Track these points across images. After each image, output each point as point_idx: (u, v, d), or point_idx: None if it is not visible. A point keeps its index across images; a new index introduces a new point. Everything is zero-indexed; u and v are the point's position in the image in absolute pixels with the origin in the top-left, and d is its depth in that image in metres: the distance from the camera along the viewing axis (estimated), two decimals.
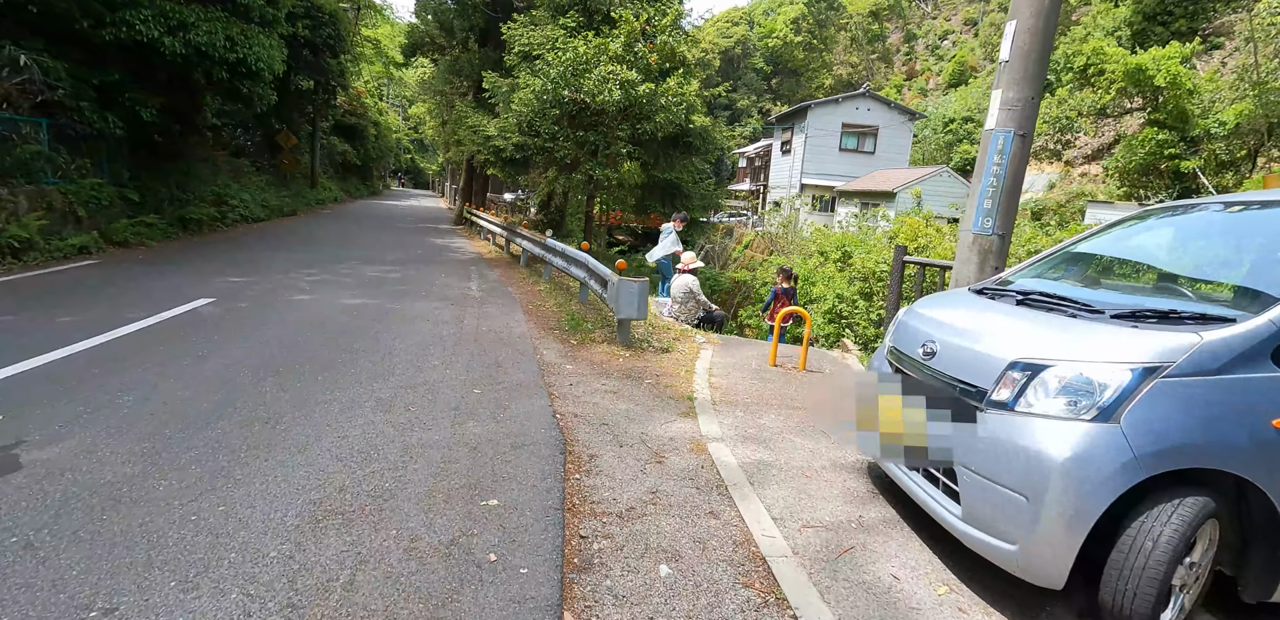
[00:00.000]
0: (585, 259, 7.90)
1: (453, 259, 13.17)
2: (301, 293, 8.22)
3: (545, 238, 10.23)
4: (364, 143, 35.96)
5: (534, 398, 4.57)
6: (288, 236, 15.54)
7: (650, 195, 13.35)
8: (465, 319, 7.22)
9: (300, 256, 11.73)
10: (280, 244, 13.77)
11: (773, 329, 8.46)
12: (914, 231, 13.64)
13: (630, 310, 5.95)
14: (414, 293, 8.77)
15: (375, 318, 6.97)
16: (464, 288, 9.48)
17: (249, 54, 12.80)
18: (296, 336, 5.89)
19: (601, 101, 10.49)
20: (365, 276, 9.97)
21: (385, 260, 12.10)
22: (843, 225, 21.81)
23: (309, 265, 10.67)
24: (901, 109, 27.81)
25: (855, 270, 14.61)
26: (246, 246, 12.94)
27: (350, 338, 6.01)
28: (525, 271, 11.69)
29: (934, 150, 30.51)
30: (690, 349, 6.55)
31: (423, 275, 10.54)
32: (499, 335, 6.50)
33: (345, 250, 13.26)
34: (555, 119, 11.36)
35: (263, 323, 6.37)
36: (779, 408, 4.83)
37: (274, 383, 4.49)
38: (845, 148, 28.16)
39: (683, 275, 7.81)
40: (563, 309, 8.14)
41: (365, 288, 8.90)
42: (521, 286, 10.02)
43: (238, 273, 9.44)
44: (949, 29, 57.15)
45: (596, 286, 7.22)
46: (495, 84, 13.02)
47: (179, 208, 15.06)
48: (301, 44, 22.85)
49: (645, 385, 5.13)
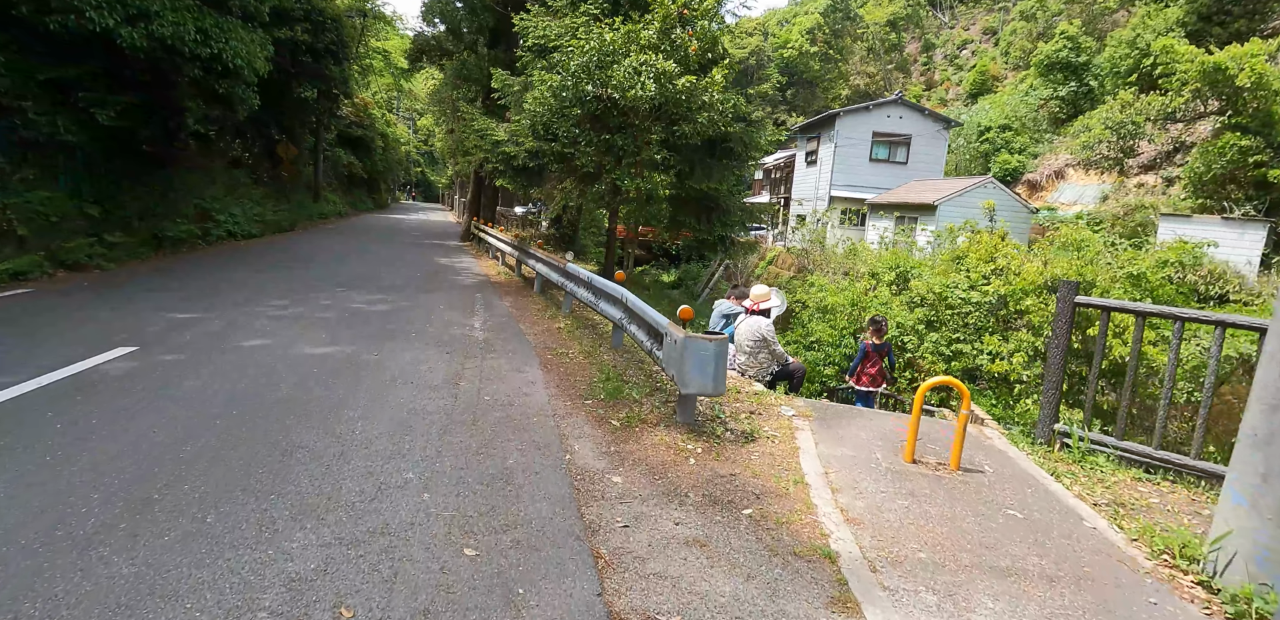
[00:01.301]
0: (621, 294, 5.94)
1: (456, 283, 11.26)
2: (256, 336, 6.29)
3: (565, 261, 8.29)
4: (371, 155, 34.40)
5: (569, 576, 2.56)
6: (275, 255, 13.70)
7: (683, 209, 11.41)
8: (463, 378, 5.26)
9: (279, 281, 9.84)
10: (262, 264, 11.91)
11: (869, 396, 6.54)
12: (989, 251, 11.62)
13: (703, 382, 3.96)
14: (402, 333, 6.82)
15: (341, 379, 5.02)
16: (466, 325, 7.53)
17: (225, 49, 11.04)
18: (213, 420, 3.93)
19: (633, 97, 8.59)
20: (347, 309, 8.05)
21: (378, 285, 10.19)
22: (885, 242, 19.78)
23: (283, 293, 8.77)
24: (936, 117, 25.86)
25: (915, 294, 12.61)
26: (221, 268, 11.08)
27: (293, 419, 4.05)
28: (540, 301, 9.74)
29: (967, 161, 28.51)
30: (782, 429, 4.53)
31: (418, 306, 8.61)
32: (508, 410, 4.52)
33: (334, 272, 11.38)
34: (576, 120, 9.47)
35: (178, 392, 4.43)
36: (986, 574, 2.80)
37: (115, 538, 2.53)
38: (876, 158, 26.17)
39: (753, 317, 5.82)
40: (592, 359, 6.16)
41: (342, 326, 6.96)
42: (536, 322, 8.05)
43: (191, 305, 7.54)
44: (967, 38, 55.32)
45: (641, 336, 5.24)
46: (506, 83, 11.17)
47: (153, 224, 13.29)
48: (302, 49, 21.29)
49: (745, 523, 3.12)
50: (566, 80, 9.09)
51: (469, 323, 7.70)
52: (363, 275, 11.26)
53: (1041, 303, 11.12)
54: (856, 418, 5.06)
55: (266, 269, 11.30)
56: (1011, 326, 11.36)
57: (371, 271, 11.90)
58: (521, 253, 11.41)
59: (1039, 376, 10.68)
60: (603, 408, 4.69)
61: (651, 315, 4.89)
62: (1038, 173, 25.31)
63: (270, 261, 12.57)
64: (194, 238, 14.33)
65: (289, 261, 12.75)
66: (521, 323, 7.92)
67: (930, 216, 21.91)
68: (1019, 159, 25.42)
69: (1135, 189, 21.81)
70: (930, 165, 26.18)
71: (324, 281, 10.16)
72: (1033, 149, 26.54)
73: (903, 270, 13.21)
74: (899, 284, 13.33)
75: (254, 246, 15.49)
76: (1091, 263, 11.31)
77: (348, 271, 11.64)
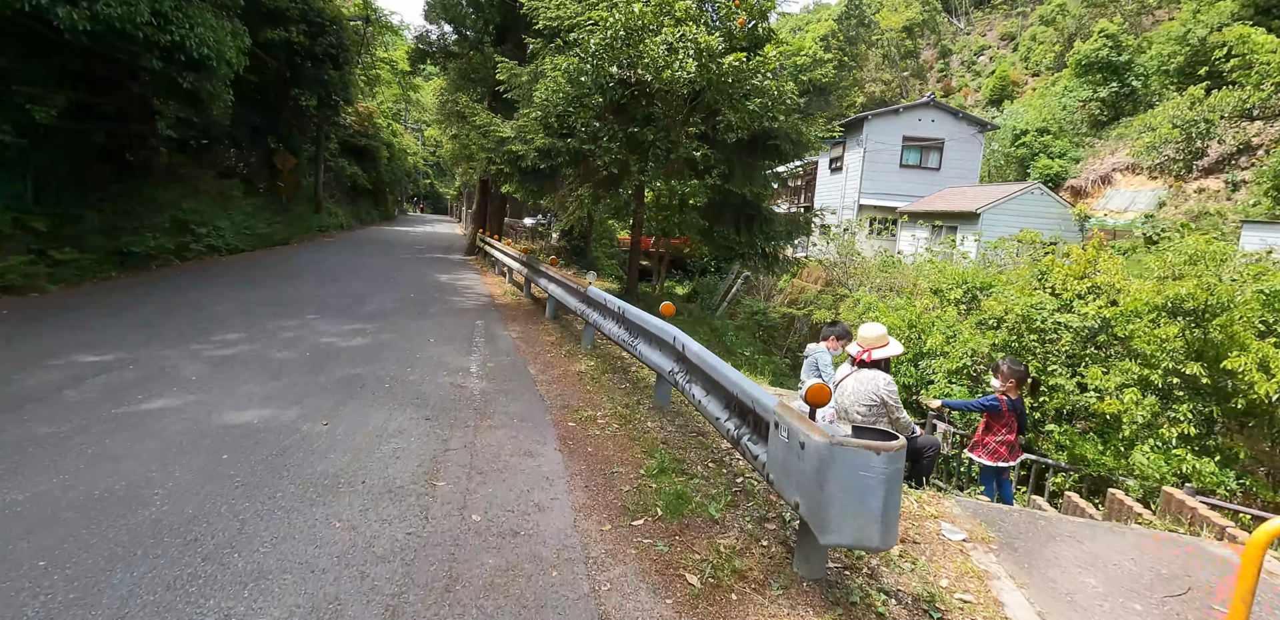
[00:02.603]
0: (673, 336, 4.10)
1: (454, 306, 9.46)
2: (174, 390, 4.51)
3: (586, 284, 6.46)
4: (376, 165, 32.90)
5: None
6: (256, 272, 11.97)
7: (718, 218, 9.59)
8: (444, 471, 3.43)
9: (244, 305, 8.08)
10: (236, 284, 10.17)
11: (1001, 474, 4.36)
12: (1083, 265, 9.72)
13: (861, 527, 2.12)
14: (373, 384, 5.01)
15: (256, 476, 3.19)
16: (459, 369, 5.71)
17: (189, 37, 9.38)
18: (8, 571, 2.12)
19: (668, 79, 6.81)
20: (314, 345, 6.26)
21: (361, 310, 8.41)
22: (930, 253, 17.87)
23: (242, 323, 6.99)
24: (970, 119, 24.00)
25: (988, 315, 10.71)
26: (184, 289, 9.33)
27: (129, 583, 2.22)
28: (553, 330, 7.92)
29: (1001, 166, 26.60)
30: (966, 577, 2.66)
31: (404, 340, 6.81)
32: (512, 553, 2.67)
33: (316, 293, 9.62)
34: (597, 110, 7.71)
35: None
36: None
37: None
38: (906, 163, 24.31)
39: (865, 371, 3.95)
40: (631, 427, 4.30)
41: (297, 372, 5.16)
42: (550, 362, 6.22)
43: (115, 341, 5.78)
44: (985, 44, 53.57)
45: (712, 407, 3.38)
46: (513, 73, 9.45)
47: (118, 239, 11.64)
48: (299, 52, 19.81)
49: None
50: (586, 62, 7.33)
51: (464, 364, 5.87)
52: (347, 297, 9.50)
53: (1149, 324, 9.21)
54: (1064, 541, 3.17)
55: (237, 290, 9.56)
56: (1108, 355, 9.44)
57: (360, 292, 10.14)
58: (531, 270, 9.62)
59: (1156, 417, 8.74)
60: (664, 537, 2.83)
61: (738, 383, 3.03)
62: (1081, 178, 23.35)
63: (247, 280, 10.84)
64: (166, 253, 12.65)
65: (268, 280, 11.02)
66: (531, 363, 6.08)
67: (971, 225, 20.00)
68: (1060, 164, 23.49)
69: (1196, 194, 19.81)
70: (964, 171, 24.30)
71: (299, 305, 8.40)
72: (1074, 153, 24.60)
73: (971, 286, 11.32)
74: (967, 302, 11.44)
75: (238, 262, 13.80)
76: (1218, 279, 9.40)
77: (332, 292, 9.88)
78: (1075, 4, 40.70)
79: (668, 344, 4.20)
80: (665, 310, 4.60)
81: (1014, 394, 4.40)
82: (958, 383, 10.00)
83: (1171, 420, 8.64)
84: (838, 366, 4.78)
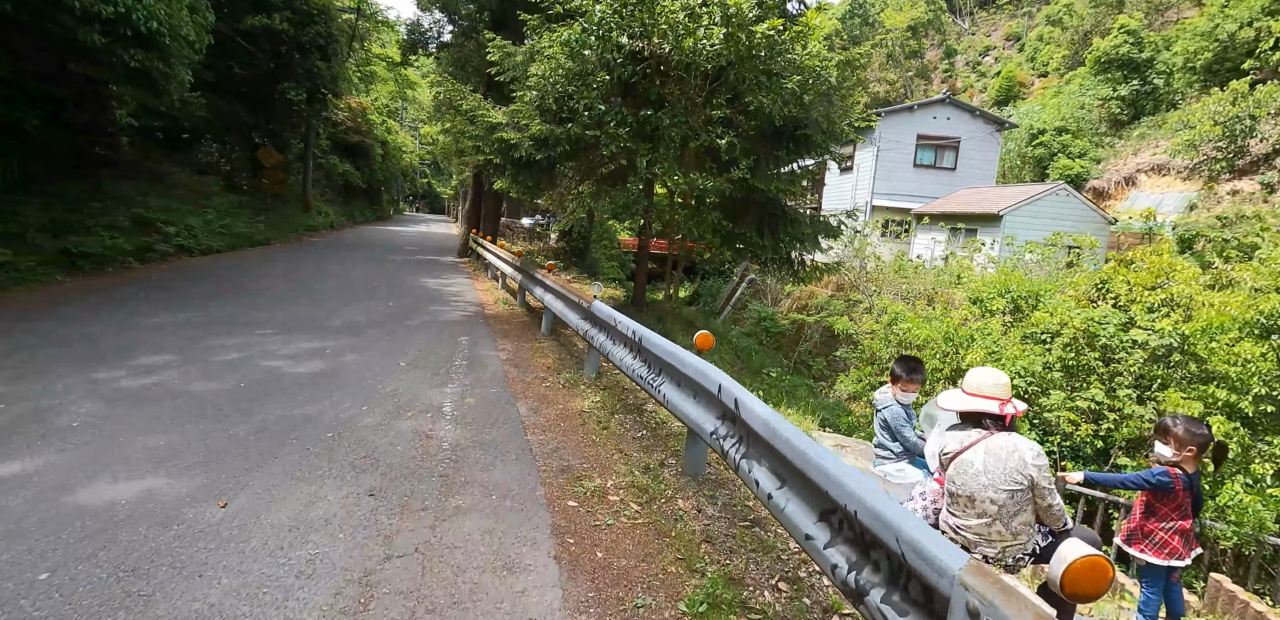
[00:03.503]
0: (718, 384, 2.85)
1: (437, 318, 8.19)
2: (31, 448, 3.23)
3: (591, 298, 5.20)
4: (369, 163, 31.59)
5: None
6: (224, 276, 10.68)
7: (739, 218, 8.34)
8: (375, 598, 2.19)
9: (192, 316, 6.78)
10: (196, 290, 8.86)
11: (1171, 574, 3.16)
12: (1156, 273, 8.49)
13: None
14: (308, 435, 3.74)
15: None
16: (429, 408, 4.44)
17: (135, 8, 8.12)
18: None
19: (689, 50, 5.57)
20: (255, 370, 4.99)
21: (329, 323, 7.14)
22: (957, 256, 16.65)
23: (177, 340, 5.71)
24: (988, 117, 22.78)
25: (1039, 329, 9.50)
26: (132, 297, 8.02)
27: None
28: (551, 350, 6.66)
29: (1017, 166, 25.40)
30: None
31: (368, 364, 5.54)
32: None
33: (281, 301, 8.35)
34: (602, 90, 6.45)
35: None
36: None
37: None
38: (920, 163, 23.09)
39: (1002, 438, 2.70)
40: (657, 517, 3.05)
41: (213, 416, 3.89)
42: (544, 398, 4.96)
43: (4, 366, 4.52)
44: (990, 44, 52.46)
45: (798, 516, 2.12)
46: (506, 53, 8.19)
47: (68, 239, 10.37)
48: (284, 42, 18.51)
49: None
50: (590, 33, 6.08)
51: (436, 400, 4.60)
52: (317, 306, 8.23)
53: (1227, 344, 8.00)
54: None
55: (191, 297, 8.27)
56: (1182, 377, 8.23)
57: (333, 299, 8.87)
58: (526, 276, 8.36)
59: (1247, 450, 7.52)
60: None
61: (852, 490, 1.77)
62: (1104, 179, 22.16)
63: (210, 286, 9.54)
64: (125, 255, 11.36)
65: (233, 286, 9.72)
66: (521, 397, 4.82)
67: (993, 228, 18.80)
68: (1081, 164, 22.29)
69: (1229, 196, 18.63)
70: (981, 171, 23.11)
71: (256, 317, 7.12)
72: (1094, 153, 23.41)
73: (1016, 295, 10.09)
74: (1012, 313, 10.20)
75: (208, 265, 12.50)
76: None
77: (300, 300, 8.61)
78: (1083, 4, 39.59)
79: (708, 393, 2.94)
80: (702, 343, 3.35)
81: (1190, 466, 3.14)
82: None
83: (1265, 455, 7.42)
84: (923, 420, 3.53)
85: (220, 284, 9.76)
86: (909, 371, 3.50)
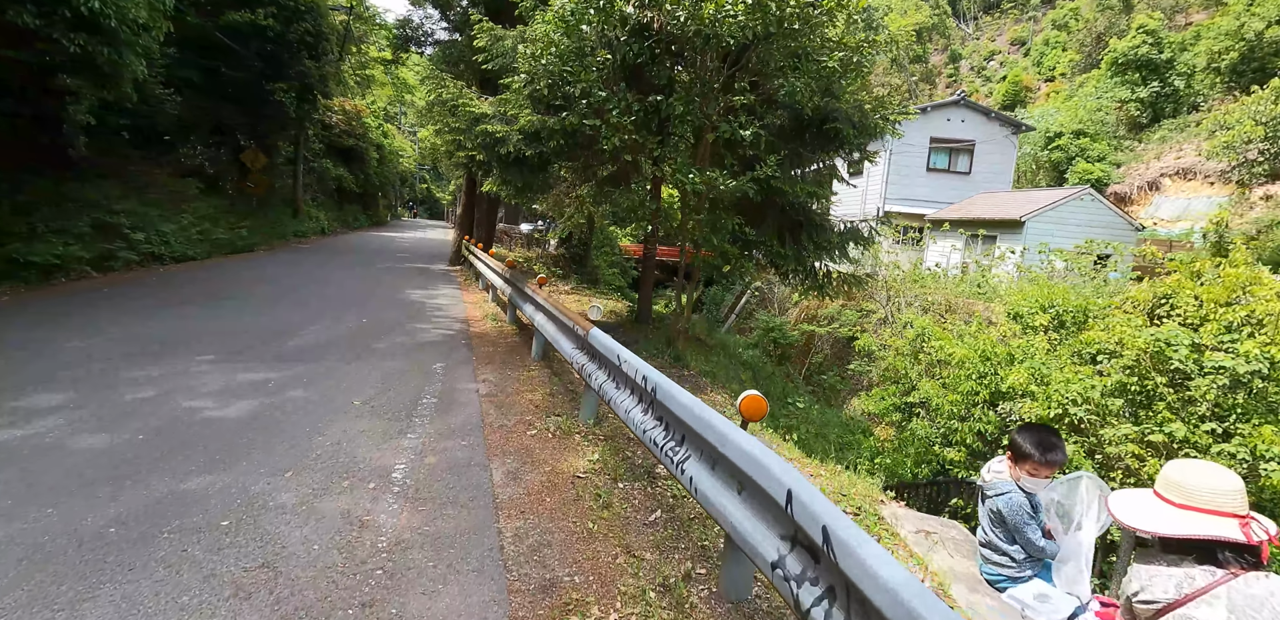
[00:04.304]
0: (791, 490, 1.76)
1: (415, 337, 7.10)
2: None
3: (588, 325, 4.10)
4: (364, 167, 30.58)
5: None
6: (186, 289, 9.57)
7: (758, 223, 7.25)
8: None
9: (116, 341, 5.67)
10: (142, 305, 7.76)
11: None
12: (1232, 286, 7.42)
13: None
14: (196, 524, 2.60)
15: None
16: (374, 475, 3.34)
17: None
18: None
19: (708, 19, 4.52)
20: (160, 418, 3.88)
21: (285, 346, 6.06)
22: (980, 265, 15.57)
23: (79, 375, 4.59)
24: (1004, 119, 21.77)
25: (1094, 348, 8.40)
26: (69, 314, 6.91)
27: None
28: (541, 381, 5.57)
29: (1031, 170, 24.37)
30: None
31: (311, 405, 4.44)
32: None
33: (239, 318, 7.24)
34: (603, 73, 5.40)
35: None
36: None
37: None
38: (934, 167, 22.06)
39: (1260, 583, 1.67)
40: None
41: (63, 491, 2.76)
42: (529, 455, 3.86)
43: None
44: (994, 49, 51.60)
45: None
46: (495, 37, 7.14)
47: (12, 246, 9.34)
48: (270, 39, 17.50)
49: None
50: (590, 3, 5.02)
51: (387, 463, 3.51)
52: (279, 323, 7.14)
53: None
54: None
55: (134, 314, 7.16)
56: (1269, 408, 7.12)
57: (300, 315, 7.78)
58: (515, 290, 7.27)
59: None
60: None
61: None
62: (1126, 184, 21.12)
63: (165, 298, 8.46)
64: (80, 264, 10.29)
65: (191, 298, 8.63)
66: (499, 456, 3.72)
67: (1014, 234, 17.72)
68: (1102, 168, 21.25)
69: (1261, 202, 17.56)
70: (997, 175, 22.07)
71: (197, 340, 6.03)
72: (1113, 157, 22.38)
73: (1062, 310, 9.02)
74: (1057, 329, 9.12)
75: (176, 274, 11.44)
76: None
77: (262, 315, 7.52)
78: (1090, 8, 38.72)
79: (765, 495, 1.86)
80: (751, 411, 2.25)
81: None
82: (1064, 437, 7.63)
83: None
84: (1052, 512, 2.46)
85: (176, 296, 8.67)
86: (1044, 449, 2.42)
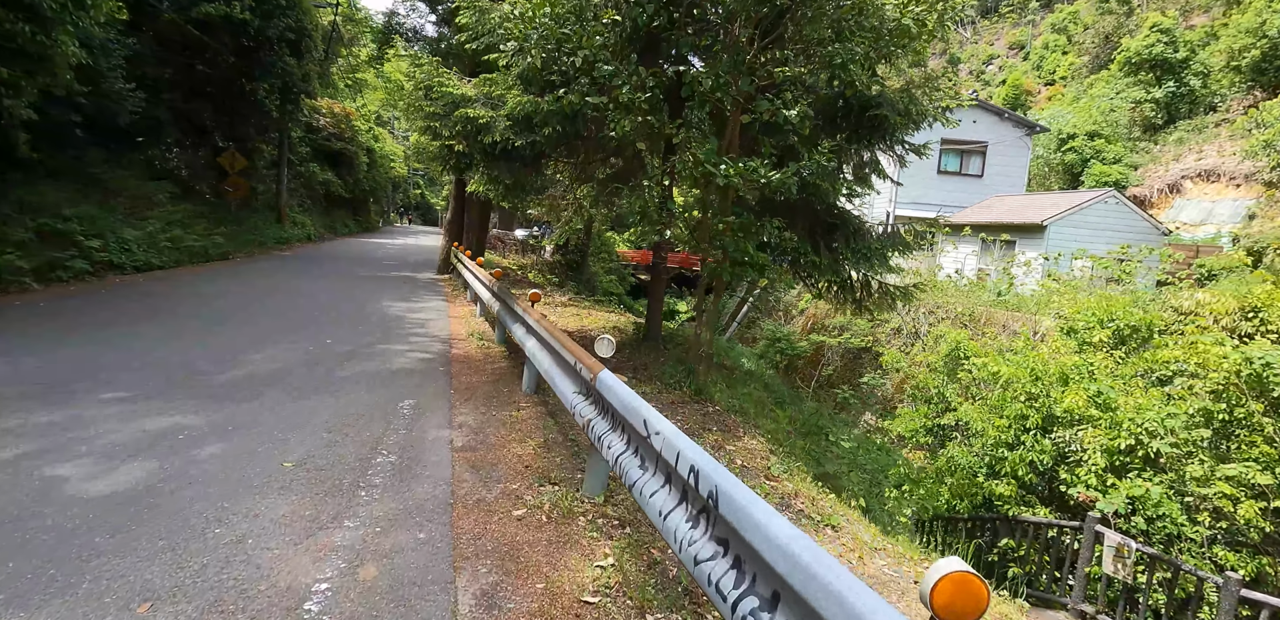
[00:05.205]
0: None
1: (385, 363, 5.95)
2: None
3: (597, 366, 2.97)
4: (353, 172, 29.42)
5: None
6: (130, 304, 8.37)
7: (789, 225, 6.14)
8: None
9: (12, 371, 4.51)
10: (69, 324, 6.58)
11: None
12: None
13: None
14: None
15: None
16: (279, 598, 2.21)
17: None
18: None
19: None
20: (18, 490, 2.73)
21: (222, 377, 4.89)
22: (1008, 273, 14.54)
23: None
24: (1017, 120, 20.84)
25: (1168, 371, 7.34)
26: None
27: None
28: (532, 424, 4.44)
29: (1044, 173, 23.44)
30: None
31: (232, 464, 3.27)
32: None
33: (179, 339, 6.05)
34: (614, 39, 4.30)
35: None
36: None
37: None
38: (945, 170, 21.09)
39: None
40: None
41: None
42: (512, 546, 2.72)
43: None
44: (993, 53, 51.00)
45: None
46: (480, 10, 6.03)
47: None
48: (248, 35, 16.38)
49: None
50: None
51: (302, 579, 2.35)
52: (223, 345, 5.97)
53: None
54: None
55: (51, 336, 5.98)
56: None
57: (252, 333, 6.61)
58: (503, 307, 6.13)
59: None
60: None
61: None
62: (1145, 187, 20.17)
63: (98, 317, 7.26)
64: (19, 275, 9.10)
65: (131, 314, 7.43)
66: (470, 559, 2.57)
67: (1035, 239, 16.70)
68: (1119, 170, 20.31)
69: None
70: (1010, 178, 21.11)
71: (113, 368, 4.86)
72: (1129, 159, 21.46)
73: (1124, 324, 7.95)
74: (1117, 346, 8.04)
75: (132, 286, 10.22)
76: None
77: (208, 336, 6.34)
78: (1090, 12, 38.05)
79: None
80: (953, 609, 1.05)
81: None
82: (1139, 473, 6.52)
83: None
84: None
85: (115, 312, 7.49)
86: None
